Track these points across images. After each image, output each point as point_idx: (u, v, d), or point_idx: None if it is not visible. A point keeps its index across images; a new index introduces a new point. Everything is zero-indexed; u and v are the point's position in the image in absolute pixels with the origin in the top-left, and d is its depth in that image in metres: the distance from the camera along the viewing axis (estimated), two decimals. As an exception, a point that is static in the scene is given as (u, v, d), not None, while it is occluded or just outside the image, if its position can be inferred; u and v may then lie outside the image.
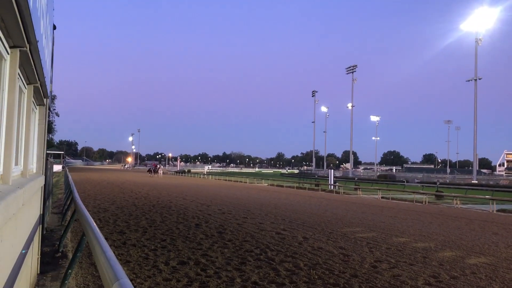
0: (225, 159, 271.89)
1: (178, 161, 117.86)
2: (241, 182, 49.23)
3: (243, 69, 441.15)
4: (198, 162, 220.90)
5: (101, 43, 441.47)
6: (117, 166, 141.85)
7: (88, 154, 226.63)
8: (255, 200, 21.91)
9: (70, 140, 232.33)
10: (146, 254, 7.89)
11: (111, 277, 2.20)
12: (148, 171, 61.02)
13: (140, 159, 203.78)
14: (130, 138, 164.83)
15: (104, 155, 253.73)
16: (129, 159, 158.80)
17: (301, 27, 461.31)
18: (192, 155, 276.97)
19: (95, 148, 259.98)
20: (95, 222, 11.44)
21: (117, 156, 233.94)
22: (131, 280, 6.18)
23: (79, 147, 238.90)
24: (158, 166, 60.57)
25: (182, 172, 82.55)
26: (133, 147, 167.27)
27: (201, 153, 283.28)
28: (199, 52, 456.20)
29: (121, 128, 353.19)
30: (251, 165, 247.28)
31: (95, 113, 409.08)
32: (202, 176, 67.37)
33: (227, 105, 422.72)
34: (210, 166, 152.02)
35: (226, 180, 53.95)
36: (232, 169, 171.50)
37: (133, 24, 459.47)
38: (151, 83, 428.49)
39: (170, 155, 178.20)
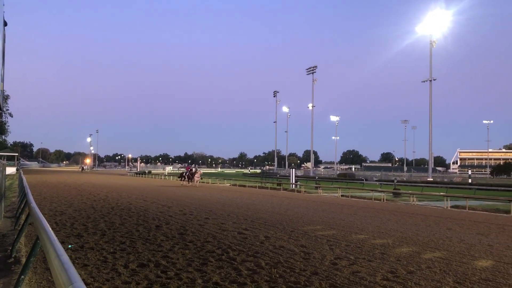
0: (186, 159, 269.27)
1: (138, 162, 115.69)
2: (203, 182, 48.92)
3: (203, 69, 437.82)
4: (159, 163, 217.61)
5: (57, 40, 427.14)
6: (75, 168, 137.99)
7: (44, 156, 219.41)
8: (217, 201, 21.84)
9: (25, 142, 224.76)
10: (105, 257, 7.72)
11: (65, 282, 2.13)
12: (180, 177, 43.38)
13: (99, 160, 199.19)
14: (89, 139, 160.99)
15: (61, 156, 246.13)
16: (88, 161, 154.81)
17: (262, 27, 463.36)
18: (152, 156, 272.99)
19: (52, 150, 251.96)
20: (51, 225, 11.07)
21: (74, 158, 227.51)
22: (88, 284, 6.04)
23: (35, 149, 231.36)
24: (194, 169, 41.90)
25: (142, 173, 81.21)
26: (92, 148, 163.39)
27: (162, 153, 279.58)
28: (157, 52, 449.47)
29: (79, 129, 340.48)
30: (213, 165, 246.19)
31: (52, 114, 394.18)
32: (163, 177, 66.52)
33: (188, 105, 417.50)
34: (171, 167, 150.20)
35: (187, 180, 53.43)
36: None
37: (90, 21, 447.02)
38: (110, 83, 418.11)
39: (130, 156, 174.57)
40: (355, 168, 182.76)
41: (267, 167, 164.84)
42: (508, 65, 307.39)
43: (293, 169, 47.87)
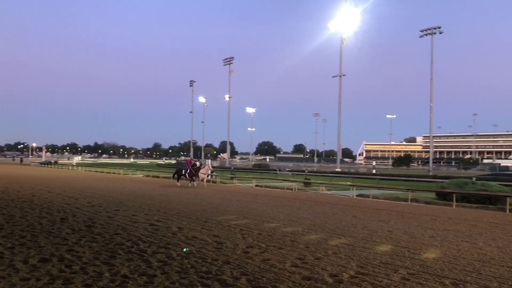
0: (97, 149, 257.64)
1: (43, 151, 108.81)
2: (115, 173, 47.18)
3: (115, 53, 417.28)
4: (66, 153, 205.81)
5: None
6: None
7: None
8: (129, 192, 21.17)
9: None
10: (1, 253, 7.15)
11: None
12: (175, 175, 29.70)
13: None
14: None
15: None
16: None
17: (179, 14, 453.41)
18: (59, 145, 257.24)
19: None
20: None
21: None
22: (-20, 283, 5.54)
23: None
24: (198, 163, 29.72)
25: (48, 163, 76.39)
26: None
27: (69, 143, 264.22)
28: (62, 32, 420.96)
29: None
30: (126, 155, 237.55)
31: None
32: (70, 167, 63.13)
33: (99, 93, 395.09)
34: (80, 157, 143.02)
35: (98, 171, 51.27)
36: (105, 160, 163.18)
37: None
38: (9, 64, 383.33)
39: (34, 145, 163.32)
40: (269, 159, 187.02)
41: (183, 157, 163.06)
42: (410, 63, 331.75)
43: (209, 160, 47.89)
